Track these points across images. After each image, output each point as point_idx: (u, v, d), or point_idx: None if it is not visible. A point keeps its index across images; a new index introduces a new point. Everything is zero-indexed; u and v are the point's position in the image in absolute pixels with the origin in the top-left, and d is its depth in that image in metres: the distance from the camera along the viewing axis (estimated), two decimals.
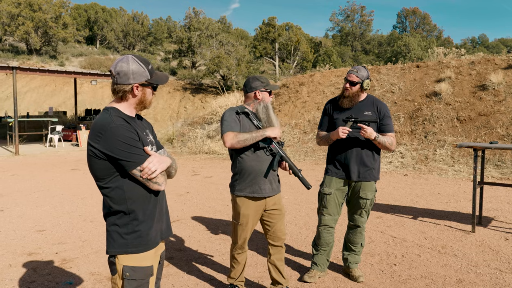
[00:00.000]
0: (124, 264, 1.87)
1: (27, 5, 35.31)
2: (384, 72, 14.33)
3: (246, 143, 2.84)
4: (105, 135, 1.81)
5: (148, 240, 1.93)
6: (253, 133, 2.85)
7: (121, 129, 1.82)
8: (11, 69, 13.54)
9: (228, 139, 2.83)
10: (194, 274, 3.70)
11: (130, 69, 1.89)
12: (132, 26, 45.53)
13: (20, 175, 9.25)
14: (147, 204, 1.92)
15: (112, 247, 1.89)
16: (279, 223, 3.08)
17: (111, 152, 1.80)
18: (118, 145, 1.80)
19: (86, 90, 29.88)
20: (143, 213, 1.91)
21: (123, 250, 1.88)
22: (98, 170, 1.86)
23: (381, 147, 3.39)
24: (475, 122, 10.50)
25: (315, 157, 11.36)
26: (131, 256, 1.89)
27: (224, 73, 30.77)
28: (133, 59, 1.92)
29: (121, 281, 1.87)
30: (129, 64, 1.90)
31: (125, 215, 1.89)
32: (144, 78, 1.93)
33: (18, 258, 4.10)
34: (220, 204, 6.47)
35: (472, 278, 3.56)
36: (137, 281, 1.87)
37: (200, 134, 14.43)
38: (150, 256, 1.95)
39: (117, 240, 1.89)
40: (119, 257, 1.88)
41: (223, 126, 2.90)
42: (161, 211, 2.03)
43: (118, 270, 1.88)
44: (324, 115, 3.59)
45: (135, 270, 1.88)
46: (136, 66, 1.91)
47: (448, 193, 7.09)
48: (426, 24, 58.31)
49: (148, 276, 1.92)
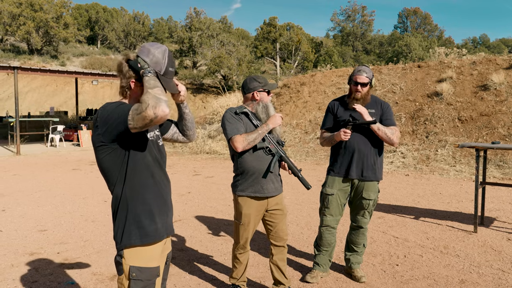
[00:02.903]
0: (130, 264, 1.87)
1: (28, 5, 35.36)
2: (385, 72, 14.32)
3: (255, 142, 2.85)
4: (101, 110, 1.86)
5: (152, 231, 1.91)
6: (259, 130, 2.86)
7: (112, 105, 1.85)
8: (13, 69, 13.56)
9: (238, 144, 2.82)
10: (196, 274, 3.70)
11: (153, 53, 1.88)
12: (133, 26, 45.57)
13: (22, 175, 9.25)
14: (148, 196, 1.92)
15: (118, 244, 1.90)
16: (281, 223, 3.08)
17: (105, 117, 1.81)
18: (109, 111, 1.82)
19: (87, 90, 29.92)
20: (142, 204, 1.91)
21: (128, 243, 1.87)
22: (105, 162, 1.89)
23: (382, 136, 3.30)
24: (477, 122, 10.48)
25: (316, 157, 11.36)
26: (137, 253, 1.88)
27: (225, 73, 30.78)
28: (165, 51, 1.91)
29: (128, 282, 1.87)
30: (157, 50, 1.89)
31: (127, 209, 1.89)
32: (157, 69, 1.88)
33: (20, 258, 4.10)
34: (222, 204, 6.46)
35: (475, 279, 3.55)
36: (143, 282, 1.87)
37: (201, 134, 14.43)
38: (157, 257, 1.94)
39: (122, 235, 1.89)
40: (126, 256, 1.88)
41: (228, 129, 2.88)
42: (165, 204, 2.01)
43: (125, 270, 1.87)
44: (328, 113, 3.56)
45: (141, 270, 1.87)
46: (160, 56, 1.89)
47: (450, 193, 7.08)
48: (427, 24, 58.28)
49: (154, 276, 1.91)
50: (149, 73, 1.80)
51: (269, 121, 2.92)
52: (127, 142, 1.86)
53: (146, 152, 1.93)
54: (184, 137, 2.25)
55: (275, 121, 2.92)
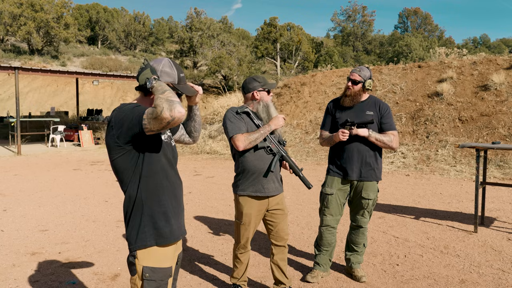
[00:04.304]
0: (144, 265, 1.87)
1: (29, 5, 35.39)
2: (385, 72, 14.32)
3: (257, 142, 2.86)
4: (116, 110, 1.88)
5: (167, 233, 1.92)
6: (261, 130, 2.87)
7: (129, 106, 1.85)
8: (13, 69, 13.58)
9: (240, 143, 2.83)
10: (196, 274, 3.71)
11: (161, 67, 1.95)
12: (134, 26, 45.60)
13: (22, 175, 9.27)
14: (162, 197, 1.93)
15: (131, 244, 1.90)
16: (282, 223, 3.09)
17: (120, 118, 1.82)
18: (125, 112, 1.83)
19: (88, 90, 29.95)
20: (158, 206, 1.92)
21: (142, 244, 1.88)
22: (119, 163, 1.89)
23: (380, 145, 3.37)
24: (477, 122, 10.49)
25: (316, 157, 11.37)
26: (151, 253, 1.88)
27: (225, 73, 30.80)
28: (168, 62, 1.99)
29: (141, 282, 1.87)
30: (162, 64, 1.96)
31: (141, 211, 1.90)
32: (171, 80, 1.97)
33: (21, 258, 4.11)
34: (222, 204, 6.48)
35: (475, 278, 3.56)
36: (156, 282, 1.88)
37: (202, 134, 14.45)
38: (170, 257, 1.95)
39: (136, 236, 1.89)
40: (139, 256, 1.88)
41: (229, 128, 2.89)
42: (179, 205, 2.03)
43: (138, 270, 1.88)
44: (327, 114, 3.60)
45: (154, 271, 1.88)
46: (168, 69, 1.97)
47: (450, 193, 7.09)
48: (428, 24, 58.29)
49: (167, 277, 1.92)
50: (153, 80, 1.83)
51: (272, 122, 2.93)
52: (141, 144, 1.87)
53: (161, 154, 1.95)
54: (190, 139, 2.30)
55: (277, 123, 2.94)
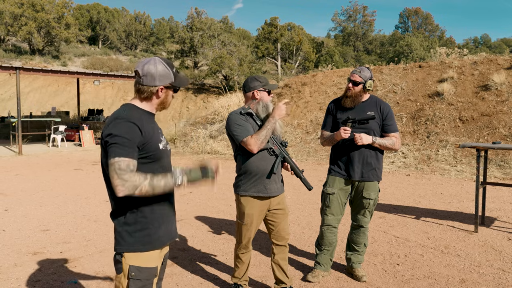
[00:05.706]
0: (130, 264, 1.91)
1: (30, 5, 35.43)
2: (386, 72, 14.32)
3: (267, 138, 2.87)
4: (110, 123, 1.88)
5: (155, 240, 1.96)
6: (267, 126, 2.86)
7: (124, 125, 1.85)
8: (14, 69, 13.60)
9: (253, 146, 2.83)
10: (198, 274, 3.72)
11: (157, 72, 1.95)
12: (135, 26, 45.63)
13: (24, 175, 9.29)
14: (155, 202, 1.96)
15: (119, 245, 1.93)
16: (283, 222, 3.10)
17: (105, 136, 1.85)
18: (115, 132, 1.84)
19: (88, 90, 29.97)
20: (151, 211, 1.95)
21: (130, 248, 1.92)
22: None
23: (383, 149, 3.41)
24: (478, 122, 10.49)
25: (317, 157, 11.37)
26: (138, 255, 1.92)
27: (226, 73, 30.81)
28: (160, 62, 1.98)
29: (126, 281, 1.91)
30: (156, 67, 1.96)
31: (133, 213, 1.93)
32: (169, 81, 1.99)
33: (23, 258, 4.13)
34: (223, 203, 6.49)
35: (475, 278, 3.57)
36: (142, 281, 1.91)
37: (203, 134, 14.46)
38: (156, 257, 1.98)
39: (125, 238, 1.92)
40: (126, 256, 1.92)
41: (238, 131, 2.88)
42: (171, 210, 2.07)
43: (124, 269, 1.91)
44: (328, 114, 3.60)
45: (140, 270, 1.91)
46: (162, 69, 1.97)
47: (451, 193, 7.10)
48: (428, 24, 58.26)
49: (152, 276, 1.96)
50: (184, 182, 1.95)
51: (274, 113, 2.90)
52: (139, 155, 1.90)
53: (158, 162, 1.97)
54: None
55: (280, 112, 2.90)
